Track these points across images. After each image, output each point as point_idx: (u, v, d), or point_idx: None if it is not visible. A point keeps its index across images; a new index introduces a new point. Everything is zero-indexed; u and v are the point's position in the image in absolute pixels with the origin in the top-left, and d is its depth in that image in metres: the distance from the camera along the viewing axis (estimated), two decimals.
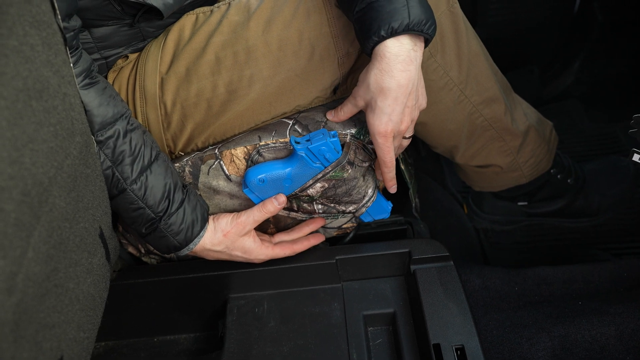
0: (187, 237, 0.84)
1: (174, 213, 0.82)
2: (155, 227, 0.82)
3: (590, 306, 0.91)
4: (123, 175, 0.78)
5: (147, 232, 0.83)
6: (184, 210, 0.83)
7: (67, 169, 0.65)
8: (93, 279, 0.70)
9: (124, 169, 0.78)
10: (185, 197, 0.84)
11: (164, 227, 0.82)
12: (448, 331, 0.79)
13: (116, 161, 0.78)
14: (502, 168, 1.08)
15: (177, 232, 0.83)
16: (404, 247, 0.90)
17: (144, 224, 0.82)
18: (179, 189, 0.83)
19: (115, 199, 0.80)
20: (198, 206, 0.85)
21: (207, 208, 0.88)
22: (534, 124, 1.08)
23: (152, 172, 0.80)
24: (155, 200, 0.80)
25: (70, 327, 0.63)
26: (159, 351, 0.98)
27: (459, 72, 0.91)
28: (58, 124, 0.64)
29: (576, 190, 1.24)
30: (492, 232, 1.31)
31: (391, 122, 0.77)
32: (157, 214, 0.81)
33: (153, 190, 0.80)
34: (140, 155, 0.79)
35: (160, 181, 0.81)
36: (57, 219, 0.62)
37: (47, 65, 0.62)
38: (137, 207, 0.80)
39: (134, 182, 0.79)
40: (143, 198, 0.80)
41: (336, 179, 0.84)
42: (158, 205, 0.81)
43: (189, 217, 0.83)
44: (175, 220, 0.82)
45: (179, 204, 0.82)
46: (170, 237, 0.83)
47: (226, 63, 0.82)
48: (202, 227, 0.85)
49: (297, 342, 0.86)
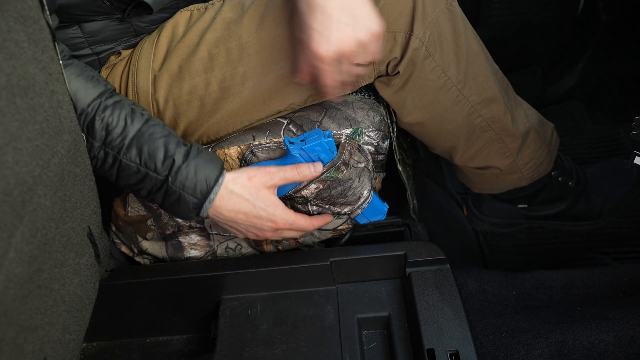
0: (208, 183, 0.76)
1: (181, 166, 0.75)
2: (167, 189, 0.76)
3: (589, 311, 0.89)
4: (114, 148, 0.74)
5: (164, 199, 0.77)
6: (193, 161, 0.76)
7: (54, 167, 0.64)
8: (80, 279, 0.69)
9: (114, 141, 0.74)
10: (189, 148, 0.77)
11: (177, 185, 0.75)
12: (443, 336, 0.78)
13: (103, 137, 0.74)
14: (501, 170, 1.06)
15: (192, 186, 0.76)
16: (399, 249, 0.89)
17: (156, 191, 0.76)
18: (180, 144, 0.77)
19: (118, 177, 0.76)
20: (205, 153, 0.78)
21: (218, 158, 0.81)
22: (535, 126, 1.06)
23: (145, 135, 0.75)
24: (157, 162, 0.75)
25: (55, 329, 0.61)
26: (151, 352, 0.96)
27: (457, 72, 0.90)
28: (44, 121, 0.63)
29: (577, 193, 1.22)
30: (492, 234, 1.29)
31: (324, 40, 0.71)
32: (164, 175, 0.75)
33: (151, 152, 0.75)
34: (127, 123, 0.75)
35: (157, 141, 0.75)
36: (42, 219, 0.61)
37: (33, 62, 0.61)
38: (142, 175, 0.75)
39: (128, 150, 0.75)
40: (143, 163, 0.75)
41: (331, 180, 0.83)
42: (162, 165, 0.75)
43: (201, 165, 0.76)
44: (187, 174, 0.75)
45: (183, 156, 0.76)
46: (187, 194, 0.76)
47: (219, 60, 0.81)
48: (220, 169, 0.78)
49: (289, 345, 0.84)
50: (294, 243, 0.95)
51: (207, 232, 0.93)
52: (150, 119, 0.77)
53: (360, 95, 0.92)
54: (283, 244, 0.95)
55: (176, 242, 0.93)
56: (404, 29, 0.84)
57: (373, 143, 0.89)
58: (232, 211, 0.79)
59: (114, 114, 0.74)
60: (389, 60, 0.86)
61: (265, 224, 0.81)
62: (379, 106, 0.92)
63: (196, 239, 0.93)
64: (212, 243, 0.94)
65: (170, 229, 0.92)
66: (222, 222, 0.81)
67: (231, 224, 0.81)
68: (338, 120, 0.87)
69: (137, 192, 0.78)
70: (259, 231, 0.82)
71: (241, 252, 0.96)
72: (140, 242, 0.93)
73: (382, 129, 0.90)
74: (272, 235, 0.83)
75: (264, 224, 0.81)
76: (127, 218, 0.92)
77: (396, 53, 0.85)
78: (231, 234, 0.93)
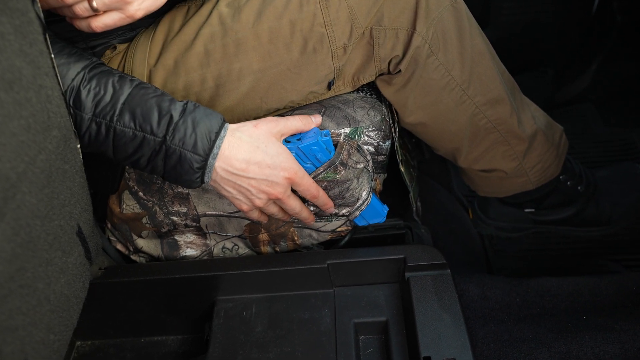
0: (209, 138, 0.71)
1: (178, 122, 0.71)
2: (166, 150, 0.71)
3: (595, 321, 0.86)
4: (106, 116, 0.71)
5: (165, 163, 0.72)
6: (190, 115, 0.71)
7: (41, 164, 0.63)
8: (67, 278, 0.68)
9: (105, 109, 0.71)
10: (185, 104, 0.73)
11: (176, 143, 0.70)
12: (440, 343, 0.75)
13: (92, 107, 0.71)
14: (507, 173, 1.03)
15: (192, 142, 0.71)
16: (399, 253, 0.86)
17: (155, 156, 0.72)
18: (174, 101, 0.73)
19: (115, 148, 0.72)
20: (203, 107, 0.73)
21: None
22: (543, 128, 1.03)
23: (136, 97, 0.71)
24: (152, 122, 0.70)
25: (38, 329, 0.60)
26: (145, 352, 0.95)
27: (462, 71, 0.87)
28: (31, 117, 0.61)
29: (587, 198, 1.19)
30: (497, 239, 1.26)
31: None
32: (162, 135, 0.71)
33: (145, 113, 0.71)
34: (117, 89, 0.71)
35: (150, 101, 0.71)
36: (26, 217, 0.59)
37: (20, 55, 0.60)
38: (139, 140, 0.71)
39: (121, 116, 0.70)
40: (139, 126, 0.71)
41: (328, 181, 0.81)
42: (158, 125, 0.70)
43: (200, 119, 0.71)
44: (185, 129, 0.70)
45: (180, 112, 0.71)
46: (187, 152, 0.71)
47: (215, 56, 0.79)
48: (221, 121, 0.73)
49: (283, 349, 0.82)
50: (292, 245, 0.93)
51: (204, 232, 0.91)
52: (141, 83, 0.73)
53: (362, 94, 0.90)
54: (280, 246, 0.93)
55: (172, 240, 0.92)
56: (406, 26, 0.82)
57: (373, 143, 0.87)
58: (244, 161, 0.73)
59: (101, 82, 0.71)
60: (391, 58, 0.84)
61: (279, 175, 0.75)
62: (381, 105, 0.90)
63: (192, 237, 0.92)
64: (208, 242, 0.92)
65: (166, 227, 0.90)
66: (232, 179, 0.75)
67: (241, 181, 0.75)
68: (337, 119, 0.85)
69: (137, 163, 0.74)
70: (271, 187, 0.76)
71: (238, 253, 0.94)
72: (135, 240, 0.92)
73: (383, 128, 0.88)
74: (283, 194, 0.78)
75: (278, 174, 0.75)
76: (122, 215, 0.90)
77: (398, 51, 0.83)
78: (228, 234, 0.91)
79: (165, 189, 0.87)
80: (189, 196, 0.87)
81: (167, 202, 0.88)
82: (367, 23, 0.81)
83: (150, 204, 0.89)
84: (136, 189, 0.88)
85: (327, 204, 0.82)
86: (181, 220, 0.89)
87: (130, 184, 0.89)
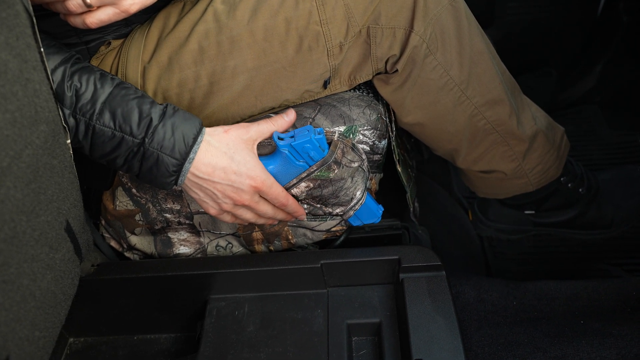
0: (187, 142, 0.72)
1: (157, 126, 0.71)
2: (144, 152, 0.72)
3: (592, 326, 0.85)
4: (86, 114, 0.70)
5: (141, 164, 0.73)
6: (170, 120, 0.72)
7: (27, 159, 0.62)
8: (55, 274, 0.67)
9: (84, 106, 0.70)
10: (165, 107, 0.73)
11: (154, 146, 0.71)
12: (433, 346, 0.74)
13: (73, 103, 0.70)
14: (506, 174, 1.02)
15: (170, 146, 0.72)
16: (393, 253, 0.85)
17: (133, 157, 0.72)
18: (155, 104, 0.73)
19: (92, 146, 0.72)
20: (182, 112, 0.74)
21: None
22: (543, 129, 1.01)
23: (117, 97, 0.71)
24: (132, 124, 0.71)
25: (22, 325, 0.59)
26: (137, 350, 0.94)
27: (460, 71, 0.86)
28: (17, 111, 0.60)
29: (588, 201, 1.17)
30: (497, 241, 1.24)
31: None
32: (141, 137, 0.71)
33: (125, 114, 0.71)
34: (97, 87, 0.71)
35: (130, 102, 0.71)
36: (11, 212, 0.58)
37: (6, 48, 0.59)
38: (118, 140, 0.71)
39: (101, 115, 0.71)
40: (118, 127, 0.71)
41: (322, 179, 0.80)
42: (138, 127, 0.71)
43: (179, 124, 0.72)
44: (164, 133, 0.71)
45: (159, 116, 0.72)
46: (165, 155, 0.72)
47: (209, 53, 0.78)
48: (198, 127, 0.73)
49: (275, 349, 0.81)
50: (286, 244, 0.92)
51: (197, 229, 0.90)
52: (121, 83, 0.73)
53: (358, 92, 0.89)
54: (275, 245, 0.92)
55: (165, 237, 0.91)
56: (404, 25, 0.80)
57: (368, 142, 0.86)
58: (209, 165, 0.74)
59: (82, 78, 0.71)
60: (388, 57, 0.83)
61: (245, 182, 0.76)
62: (377, 104, 0.88)
63: (185, 235, 0.91)
64: (202, 240, 0.92)
65: (159, 224, 0.89)
66: (199, 182, 0.76)
67: (207, 185, 0.76)
68: (332, 117, 0.84)
69: (114, 162, 0.74)
70: (236, 194, 0.76)
71: (232, 251, 0.93)
72: (128, 237, 0.91)
73: (379, 127, 0.86)
74: (250, 200, 0.78)
75: (243, 181, 0.75)
76: (116, 212, 0.90)
77: (395, 50, 0.82)
78: (222, 232, 0.90)
79: None
80: (182, 194, 0.86)
81: (160, 199, 0.87)
82: (364, 21, 0.80)
83: (144, 200, 0.88)
84: (129, 185, 0.88)
85: (298, 212, 0.83)
86: (174, 217, 0.88)
87: (124, 180, 0.88)
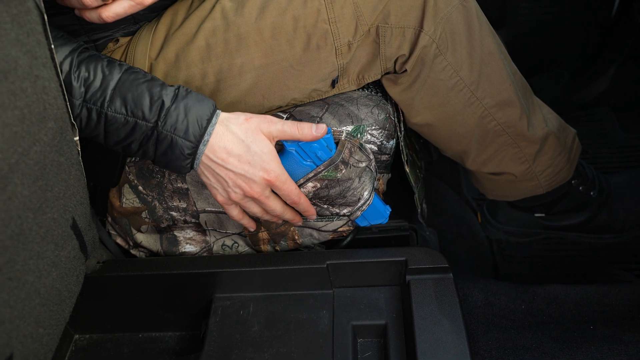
0: (200, 124, 0.71)
1: (170, 108, 0.70)
2: (158, 135, 0.71)
3: (602, 332, 0.84)
4: (96, 102, 0.70)
5: (156, 148, 0.72)
6: (182, 102, 0.71)
7: (35, 155, 0.62)
8: (60, 272, 0.67)
9: (95, 95, 0.70)
10: (177, 89, 0.72)
11: (168, 129, 0.70)
12: (439, 350, 0.73)
13: (82, 93, 0.70)
14: (516, 176, 1.01)
15: (183, 128, 0.70)
16: (400, 255, 0.84)
17: (147, 141, 0.71)
18: (165, 86, 0.72)
19: (107, 134, 0.72)
20: (195, 93, 0.73)
21: None
22: (554, 131, 1.00)
23: (126, 83, 0.71)
24: (144, 108, 0.70)
25: (26, 322, 0.59)
26: (142, 348, 0.94)
27: (470, 72, 0.85)
28: (26, 107, 0.60)
29: (599, 204, 1.15)
30: (506, 243, 1.23)
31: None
32: (154, 120, 0.70)
33: (136, 99, 0.70)
34: (106, 74, 0.70)
35: (140, 86, 0.71)
36: (17, 209, 0.58)
37: (16, 44, 0.59)
38: (131, 126, 0.71)
39: (112, 102, 0.70)
40: (130, 112, 0.70)
41: (329, 179, 0.79)
42: (150, 110, 0.70)
43: (192, 106, 0.71)
44: (177, 115, 0.70)
45: (171, 98, 0.71)
46: (179, 138, 0.71)
47: (217, 50, 0.78)
48: (212, 108, 0.72)
49: (279, 350, 0.81)
50: (292, 244, 0.91)
51: (203, 228, 0.90)
52: (130, 68, 0.73)
53: (367, 92, 0.88)
54: (281, 245, 0.92)
55: (171, 236, 0.91)
56: (413, 25, 0.80)
57: (376, 142, 0.85)
58: (225, 150, 0.73)
59: (90, 67, 0.70)
60: (397, 57, 0.82)
61: (257, 174, 0.74)
62: (386, 104, 0.88)
63: (191, 233, 0.91)
64: (208, 239, 0.91)
65: (165, 222, 0.89)
66: (212, 166, 0.74)
67: (220, 170, 0.74)
68: (339, 117, 0.83)
69: (129, 148, 0.73)
70: (247, 184, 0.75)
71: (237, 250, 0.93)
72: (134, 234, 0.91)
73: (387, 127, 0.86)
74: (261, 194, 0.76)
75: (256, 173, 0.74)
76: (122, 209, 0.90)
77: (404, 50, 0.81)
78: (228, 231, 0.90)
79: (164, 184, 0.87)
80: (189, 192, 0.86)
81: (166, 197, 0.87)
82: (373, 20, 0.79)
83: (150, 198, 0.88)
84: (136, 182, 0.88)
85: (309, 211, 0.82)
86: (180, 215, 0.88)
87: (131, 177, 0.88)
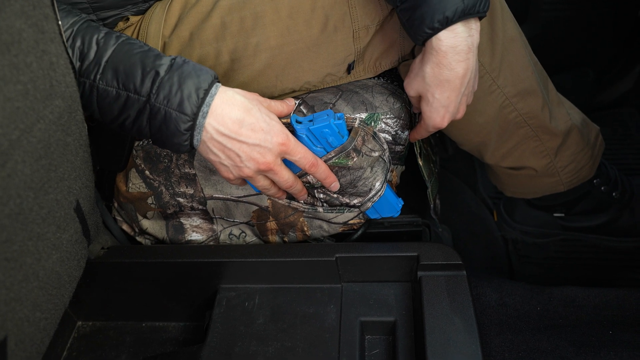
0: (198, 94, 0.65)
1: (163, 78, 0.65)
2: (151, 109, 0.66)
3: (621, 337, 0.80)
4: (89, 75, 0.67)
5: (150, 123, 0.67)
6: (177, 72, 0.66)
7: (38, 133, 0.60)
8: (61, 255, 0.65)
9: (88, 67, 0.67)
10: (173, 59, 0.67)
11: (160, 101, 0.65)
12: (449, 350, 0.70)
13: (78, 66, 0.67)
14: (536, 171, 0.97)
15: (177, 101, 0.65)
16: (412, 250, 0.81)
17: (140, 115, 0.67)
18: (161, 56, 0.67)
19: (100, 109, 0.68)
20: (192, 63, 0.68)
21: None
22: (578, 125, 0.96)
23: (120, 53, 0.67)
24: (136, 80, 0.66)
25: (22, 305, 0.57)
26: (145, 337, 0.93)
27: (492, 58, 0.81)
28: (30, 82, 0.59)
29: (621, 206, 1.11)
30: (523, 244, 1.19)
31: (448, 114, 0.74)
32: (146, 93, 0.65)
33: (128, 70, 0.66)
34: (100, 45, 0.67)
35: (133, 57, 0.66)
36: (17, 187, 0.56)
37: (21, 16, 0.57)
38: (123, 100, 0.66)
39: (104, 74, 0.66)
40: (122, 84, 0.66)
41: (339, 167, 0.76)
42: (141, 82, 0.65)
43: (186, 75, 0.65)
44: (169, 87, 0.65)
45: (167, 68, 0.66)
46: (173, 111, 0.65)
47: (232, 29, 0.76)
48: (211, 78, 0.67)
49: (284, 344, 0.79)
50: (301, 236, 0.89)
51: (210, 216, 0.88)
52: (128, 39, 0.68)
53: (382, 80, 0.85)
54: (289, 236, 0.89)
55: (177, 223, 0.89)
56: None
57: (391, 131, 0.82)
58: (237, 121, 0.67)
59: (85, 39, 0.67)
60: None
61: (273, 140, 0.69)
62: (402, 93, 0.84)
63: (198, 221, 0.89)
64: (215, 227, 0.89)
65: (172, 209, 0.87)
66: (223, 141, 0.68)
67: (232, 144, 0.68)
68: (353, 104, 0.80)
69: (124, 124, 0.69)
70: (262, 154, 0.69)
71: (245, 240, 0.90)
72: (140, 220, 0.89)
73: (403, 117, 0.83)
74: (274, 163, 0.71)
75: (272, 139, 0.69)
76: (128, 194, 0.88)
77: None
78: (235, 220, 0.88)
79: (172, 169, 0.85)
80: (196, 177, 0.84)
81: (173, 183, 0.85)
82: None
83: (157, 183, 0.86)
84: (143, 167, 0.86)
85: (329, 178, 0.76)
86: (187, 202, 0.86)
87: (138, 161, 0.86)
